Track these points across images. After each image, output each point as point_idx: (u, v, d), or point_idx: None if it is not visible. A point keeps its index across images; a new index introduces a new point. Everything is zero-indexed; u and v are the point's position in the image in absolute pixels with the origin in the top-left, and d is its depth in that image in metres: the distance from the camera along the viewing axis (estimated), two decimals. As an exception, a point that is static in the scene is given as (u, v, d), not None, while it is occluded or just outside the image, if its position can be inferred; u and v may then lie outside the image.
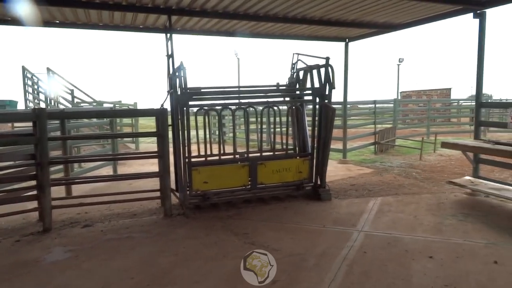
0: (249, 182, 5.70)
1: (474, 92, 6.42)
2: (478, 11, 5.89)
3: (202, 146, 5.74)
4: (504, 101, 17.74)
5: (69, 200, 5.44)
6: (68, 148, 6.46)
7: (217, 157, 5.79)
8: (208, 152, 5.81)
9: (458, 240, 4.18)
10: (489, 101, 20.35)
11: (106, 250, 4.13)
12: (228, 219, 5.09)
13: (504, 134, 14.32)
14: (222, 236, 4.45)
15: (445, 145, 6.04)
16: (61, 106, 13.03)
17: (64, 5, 5.39)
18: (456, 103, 20.91)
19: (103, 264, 3.76)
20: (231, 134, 10.25)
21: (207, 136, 5.72)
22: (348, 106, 13.81)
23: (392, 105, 13.51)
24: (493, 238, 4.18)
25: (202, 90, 5.67)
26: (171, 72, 5.74)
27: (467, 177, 6.06)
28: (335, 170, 8.28)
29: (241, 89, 6.22)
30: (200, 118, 5.80)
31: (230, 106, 5.97)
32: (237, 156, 5.88)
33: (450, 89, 22.73)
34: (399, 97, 25.55)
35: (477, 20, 5.96)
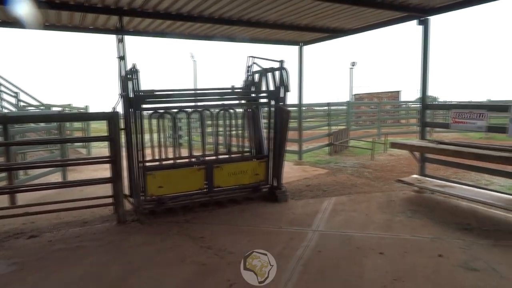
0: (206, 186, 5.66)
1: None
2: (422, 18, 6.23)
3: (157, 150, 5.62)
4: (448, 103, 18.87)
5: (13, 209, 5.12)
6: (12, 154, 6.09)
7: (172, 161, 5.69)
8: (163, 156, 5.70)
9: (406, 236, 4.38)
10: (434, 103, 21.54)
11: (54, 261, 3.93)
12: (185, 223, 5.02)
13: (448, 134, 15.22)
14: (178, 241, 4.38)
15: (394, 145, 6.32)
16: (5, 110, 12.26)
17: (4, 4, 5.08)
18: (404, 105, 21.96)
19: (50, 276, 3.58)
20: (187, 137, 10.11)
21: (162, 139, 5.62)
22: (304, 108, 14.10)
23: (345, 107, 13.95)
24: (438, 233, 4.42)
25: (156, 92, 5.56)
26: (123, 74, 5.58)
27: (415, 176, 6.38)
28: (291, 172, 8.40)
29: (196, 91, 6.17)
30: (155, 122, 5.68)
31: (185, 109, 5.89)
32: (193, 159, 5.82)
33: (399, 91, 23.83)
34: (353, 100, 26.44)
35: (421, 27, 6.30)
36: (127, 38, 5.95)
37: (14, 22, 6.08)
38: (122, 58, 5.64)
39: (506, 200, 4.81)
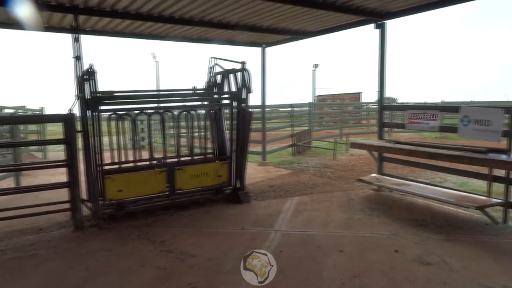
0: (167, 188, 5.57)
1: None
2: (379, 22, 6.44)
3: (116, 153, 5.47)
4: (405, 104, 19.62)
5: (-40, 217, 4.82)
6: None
7: (132, 164, 5.56)
8: (123, 159, 5.55)
9: (365, 233, 4.51)
10: (393, 104, 22.32)
11: (6, 271, 3.74)
12: (145, 227, 4.92)
13: (406, 134, 15.80)
14: (139, 246, 4.28)
15: (353, 145, 6.49)
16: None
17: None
18: (365, 106, 22.61)
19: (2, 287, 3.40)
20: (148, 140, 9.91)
21: (122, 142, 5.48)
22: (268, 109, 14.19)
23: (308, 108, 14.18)
24: (395, 230, 4.58)
25: (115, 94, 5.41)
26: (79, 75, 5.39)
27: (373, 175, 6.57)
28: (255, 172, 8.44)
29: (156, 93, 6.06)
30: (115, 124, 5.52)
31: (145, 111, 5.77)
32: (154, 162, 5.72)
33: (360, 93, 24.48)
34: (316, 101, 26.92)
35: (378, 31, 6.51)
36: (86, 38, 5.77)
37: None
38: (78, 58, 5.46)
39: (457, 197, 5.05)
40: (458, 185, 6.65)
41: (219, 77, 6.56)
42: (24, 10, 5.09)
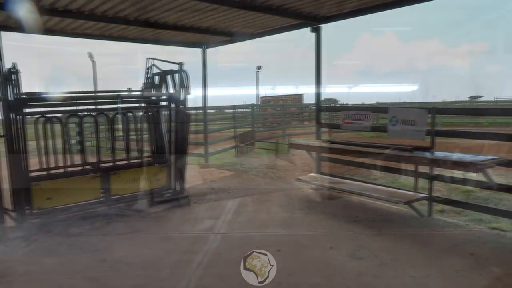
0: (102, 194, 5.33)
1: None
2: (314, 26, 6.63)
3: (45, 158, 5.13)
4: (344, 105, 20.42)
5: None
6: None
7: (62, 170, 5.25)
8: (54, 165, 5.22)
9: (303, 232, 4.63)
10: (331, 105, 23.13)
11: None
12: (78, 236, 4.65)
13: (346, 134, 16.39)
14: (69, 256, 4.05)
15: (292, 145, 6.64)
16: None
17: None
18: (307, 107, 23.25)
19: None
20: (86, 143, 9.40)
21: (51, 147, 5.15)
22: (213, 111, 14.11)
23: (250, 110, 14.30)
24: (331, 226, 4.75)
25: (42, 95, 5.08)
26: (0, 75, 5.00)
27: (312, 174, 6.75)
28: (197, 175, 8.32)
29: (87, 94, 5.77)
30: (44, 127, 5.17)
31: (77, 113, 5.48)
32: (87, 166, 5.44)
33: (302, 94, 25.11)
34: (260, 102, 27.20)
35: (314, 34, 6.71)
36: (12, 35, 5.38)
37: None
38: (-2, 57, 5.06)
39: (388, 193, 5.34)
40: (390, 182, 7.01)
41: (156, 78, 6.40)
42: None
